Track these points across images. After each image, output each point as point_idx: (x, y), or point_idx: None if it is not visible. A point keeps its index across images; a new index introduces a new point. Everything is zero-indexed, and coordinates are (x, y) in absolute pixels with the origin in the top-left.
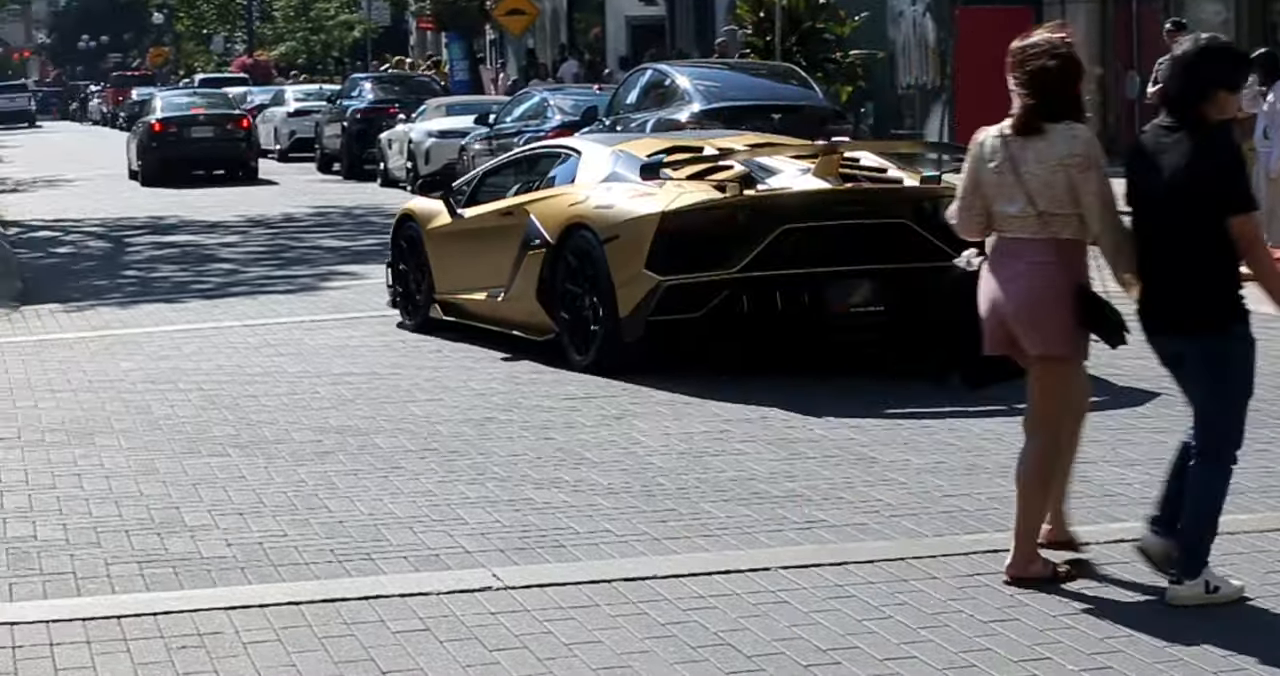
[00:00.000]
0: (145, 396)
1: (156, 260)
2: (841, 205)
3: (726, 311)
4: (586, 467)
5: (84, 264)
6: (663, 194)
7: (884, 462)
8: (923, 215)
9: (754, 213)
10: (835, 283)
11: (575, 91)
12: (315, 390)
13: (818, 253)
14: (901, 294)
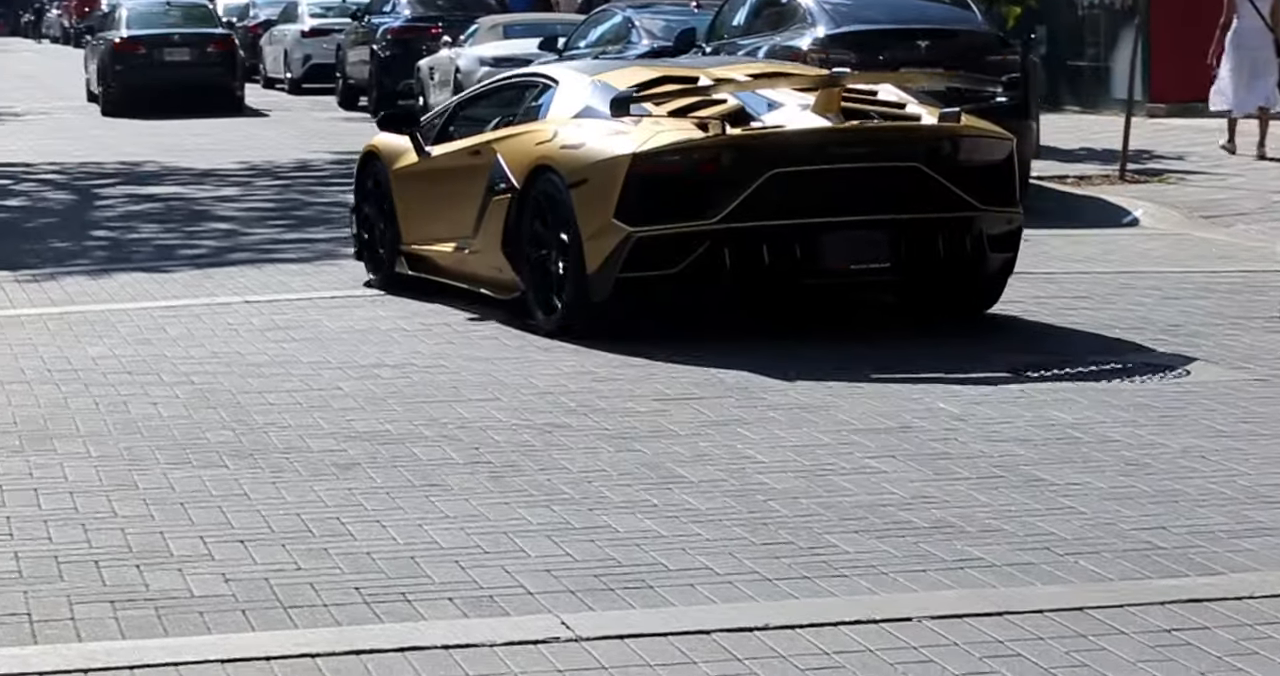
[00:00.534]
0: (120, 390)
1: (133, 217)
2: (842, 146)
3: (707, 267)
4: (679, 488)
5: (40, 221)
6: (637, 133)
7: (1056, 485)
8: (938, 157)
9: (739, 154)
10: (833, 235)
11: (668, 9)
12: (336, 386)
13: (813, 200)
14: (912, 248)
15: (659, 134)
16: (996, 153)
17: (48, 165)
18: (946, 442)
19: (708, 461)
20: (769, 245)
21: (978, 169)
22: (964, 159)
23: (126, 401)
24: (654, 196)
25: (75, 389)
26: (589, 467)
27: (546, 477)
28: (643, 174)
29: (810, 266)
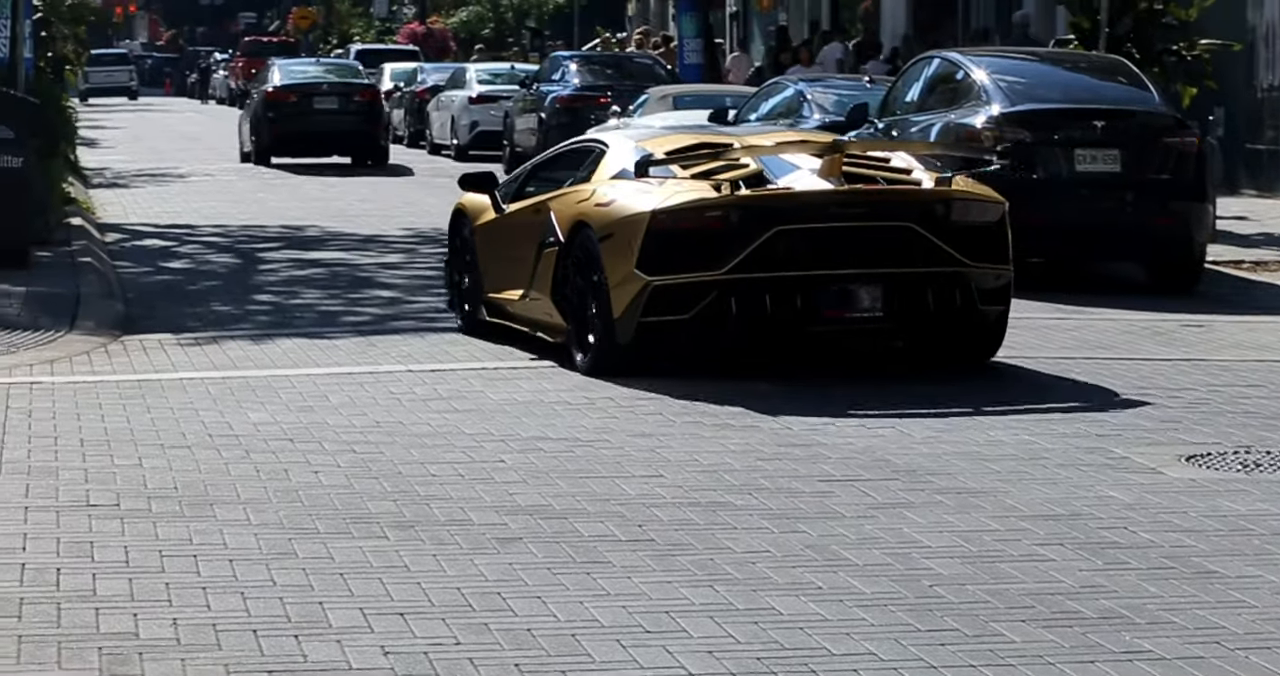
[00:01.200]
0: (281, 457)
1: (297, 282)
2: (841, 207)
3: (715, 314)
4: (845, 571)
5: (203, 283)
6: (659, 192)
7: (1227, 577)
8: (931, 218)
9: (746, 213)
10: (830, 286)
11: (840, 83)
12: (499, 458)
13: (813, 255)
14: (904, 300)
15: (677, 194)
16: (989, 214)
17: (211, 227)
18: (1117, 531)
19: (873, 544)
20: (771, 295)
21: (969, 229)
22: (956, 219)
23: (288, 469)
24: (670, 249)
25: (236, 455)
26: (753, 547)
27: (710, 557)
28: (660, 229)
29: (809, 315)
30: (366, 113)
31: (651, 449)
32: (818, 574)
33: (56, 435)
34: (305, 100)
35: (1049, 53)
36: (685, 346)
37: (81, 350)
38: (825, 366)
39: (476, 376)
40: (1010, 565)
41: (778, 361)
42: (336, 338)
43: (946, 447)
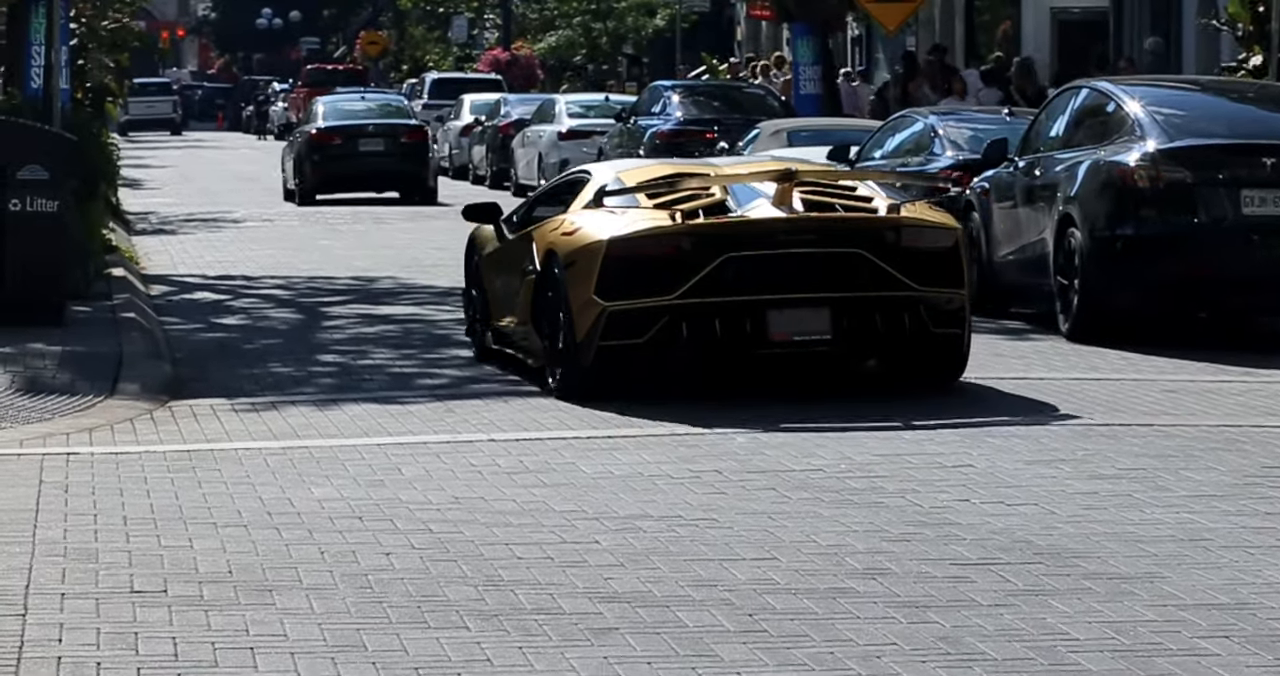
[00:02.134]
0: (348, 538)
1: (366, 340)
2: (790, 233)
3: (668, 337)
4: (981, 666)
5: (261, 342)
6: (619, 221)
7: None
8: (882, 244)
9: (697, 240)
10: (779, 310)
11: (977, 116)
12: (593, 539)
13: (762, 280)
14: (852, 323)
15: (635, 222)
16: (941, 240)
17: (270, 278)
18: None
19: (1013, 636)
20: (720, 319)
21: (920, 254)
22: (906, 245)
23: (355, 550)
24: (626, 276)
25: (298, 535)
26: (878, 640)
27: (830, 650)
28: (616, 256)
29: (758, 337)
30: (413, 154)
31: (764, 528)
32: (950, 669)
33: (96, 512)
34: (350, 142)
35: (1212, 82)
36: (642, 370)
37: (124, 417)
38: (954, 438)
39: (568, 446)
40: (1168, 660)
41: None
42: (410, 403)
43: (1096, 527)
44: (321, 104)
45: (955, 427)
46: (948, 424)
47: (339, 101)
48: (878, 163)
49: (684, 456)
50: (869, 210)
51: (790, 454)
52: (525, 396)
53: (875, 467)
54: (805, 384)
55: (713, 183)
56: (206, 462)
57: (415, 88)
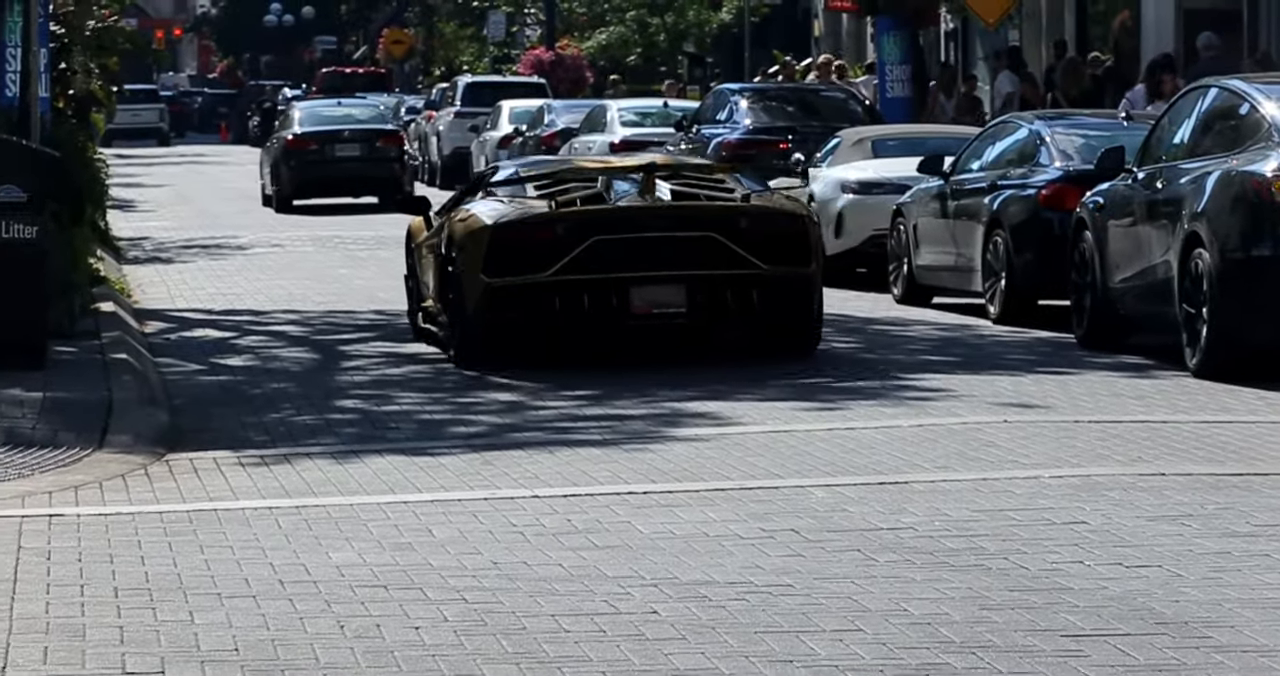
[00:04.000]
0: (371, 609)
1: (390, 383)
2: (650, 219)
3: (543, 311)
4: None
5: (271, 386)
6: (504, 208)
7: None
8: (733, 228)
9: (569, 225)
10: (640, 287)
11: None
12: (651, 608)
13: (626, 260)
14: (705, 298)
15: (517, 210)
16: (789, 225)
17: (281, 313)
18: None
19: None
20: (588, 294)
21: (769, 237)
22: (755, 229)
23: (380, 624)
24: (507, 256)
25: (314, 606)
26: None
27: None
28: (499, 239)
29: (622, 311)
30: (389, 158)
31: (847, 595)
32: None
33: (83, 582)
34: (326, 147)
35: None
36: (524, 341)
37: (115, 473)
38: (1064, 490)
39: (621, 503)
40: None
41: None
42: (442, 454)
43: (1229, 592)
44: (298, 109)
45: (1065, 479)
46: (1057, 475)
47: (316, 107)
48: (976, 175)
49: (754, 513)
50: (725, 198)
51: (876, 509)
52: (573, 446)
53: (974, 525)
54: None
55: (595, 174)
56: (209, 524)
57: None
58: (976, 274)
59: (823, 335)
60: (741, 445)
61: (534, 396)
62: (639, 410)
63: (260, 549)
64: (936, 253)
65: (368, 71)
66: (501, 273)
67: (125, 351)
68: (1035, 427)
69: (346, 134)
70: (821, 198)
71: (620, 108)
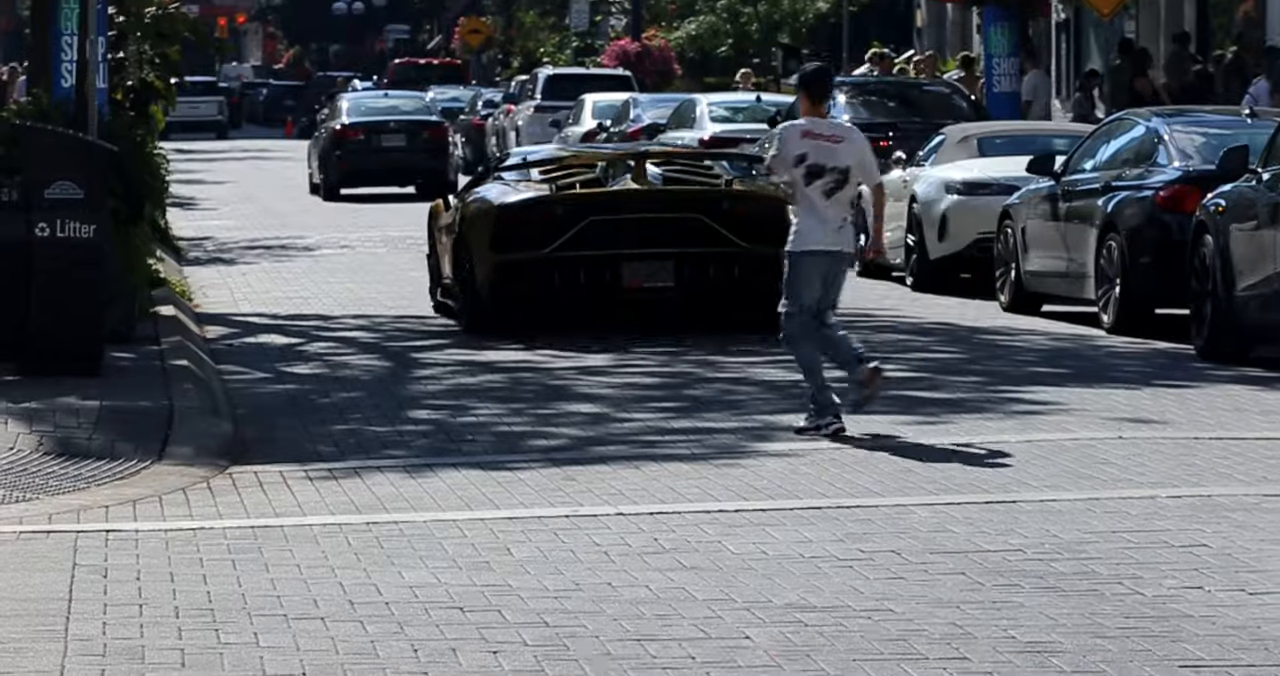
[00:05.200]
0: (447, 633)
1: (467, 393)
2: (642, 202)
3: (544, 285)
4: None
5: (340, 395)
6: (511, 191)
7: None
8: (717, 211)
9: (567, 207)
10: (631, 263)
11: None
12: (743, 633)
13: (619, 239)
14: (691, 273)
15: (522, 193)
16: (767, 208)
17: (350, 318)
18: None
19: None
20: (585, 269)
21: (748, 219)
22: (736, 212)
23: (455, 648)
24: (513, 235)
25: (385, 629)
26: None
27: None
28: (505, 219)
29: (615, 285)
30: (434, 149)
31: (951, 621)
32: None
33: (142, 603)
34: (373, 137)
35: None
36: (527, 311)
37: (175, 486)
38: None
39: (712, 521)
40: None
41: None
42: (521, 468)
43: None
44: (346, 100)
45: (1183, 499)
46: (1175, 495)
47: (363, 98)
48: (1089, 175)
49: (853, 533)
50: (710, 183)
51: (983, 530)
52: (660, 461)
53: (1087, 547)
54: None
55: (596, 161)
56: (275, 542)
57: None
58: (1089, 280)
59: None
60: (838, 460)
61: (618, 408)
62: (729, 423)
63: (329, 568)
64: (1047, 258)
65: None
66: (507, 249)
67: (186, 357)
68: (1152, 444)
69: (393, 125)
70: (924, 199)
71: (710, 102)
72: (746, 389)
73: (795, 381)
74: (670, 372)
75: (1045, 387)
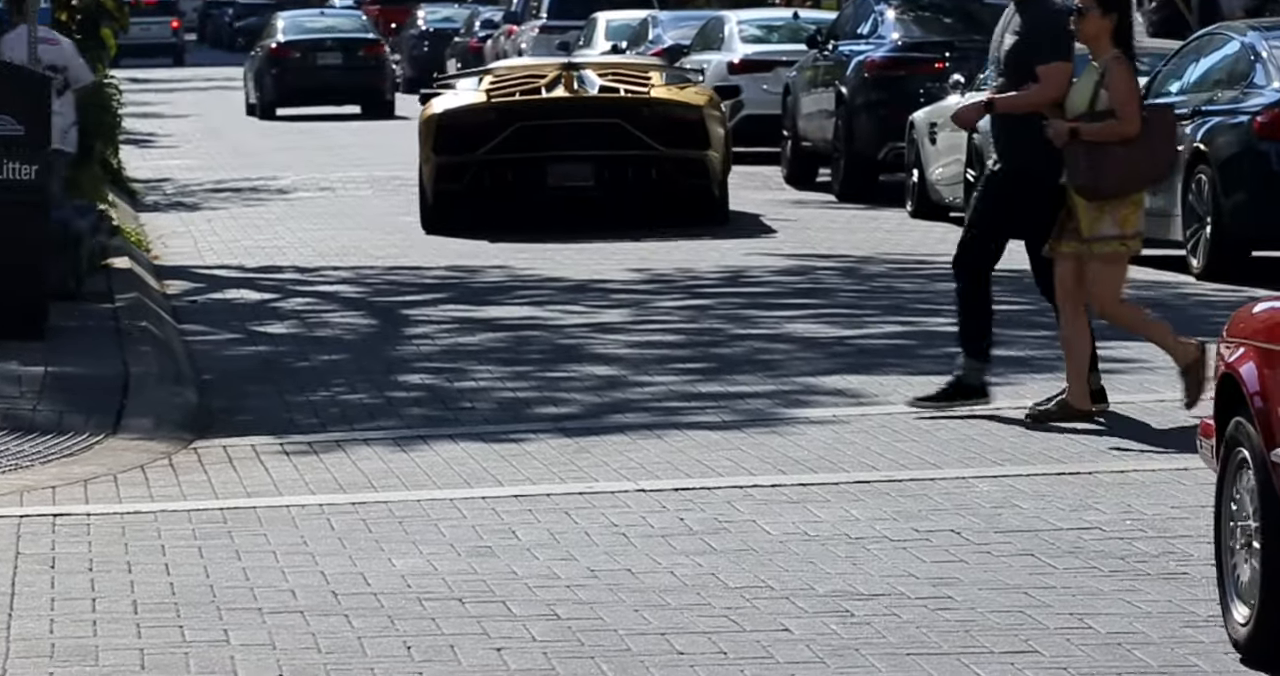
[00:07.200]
0: (443, 626)
1: (464, 355)
2: (566, 108)
3: (477, 185)
4: None
5: (320, 358)
6: (454, 99)
7: None
8: (637, 116)
9: (498, 113)
10: (555, 165)
11: None
12: (781, 625)
13: (545, 143)
14: (611, 174)
15: (460, 101)
16: (686, 114)
17: (332, 270)
18: None
19: None
20: (512, 170)
21: (668, 123)
22: (655, 116)
23: (454, 645)
24: (450, 138)
25: (375, 623)
26: None
27: None
28: (443, 123)
29: (540, 184)
30: (371, 67)
31: (1019, 609)
32: None
33: (95, 596)
34: (308, 56)
35: None
36: (466, 208)
37: (132, 463)
38: None
39: (745, 498)
40: None
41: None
42: (528, 440)
43: None
44: (282, 19)
45: None
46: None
47: (300, 17)
48: (1175, 99)
49: (906, 511)
50: (637, 92)
51: (1054, 506)
52: (685, 430)
53: (1174, 525)
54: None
55: (548, 71)
56: (248, 525)
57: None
58: (1176, 219)
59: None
60: (889, 428)
61: (637, 370)
62: (764, 386)
63: (309, 554)
64: None
65: None
66: (446, 152)
67: (144, 317)
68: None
69: (329, 43)
70: (984, 128)
71: (741, 20)
72: (782, 346)
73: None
74: (695, 329)
75: (1125, 343)
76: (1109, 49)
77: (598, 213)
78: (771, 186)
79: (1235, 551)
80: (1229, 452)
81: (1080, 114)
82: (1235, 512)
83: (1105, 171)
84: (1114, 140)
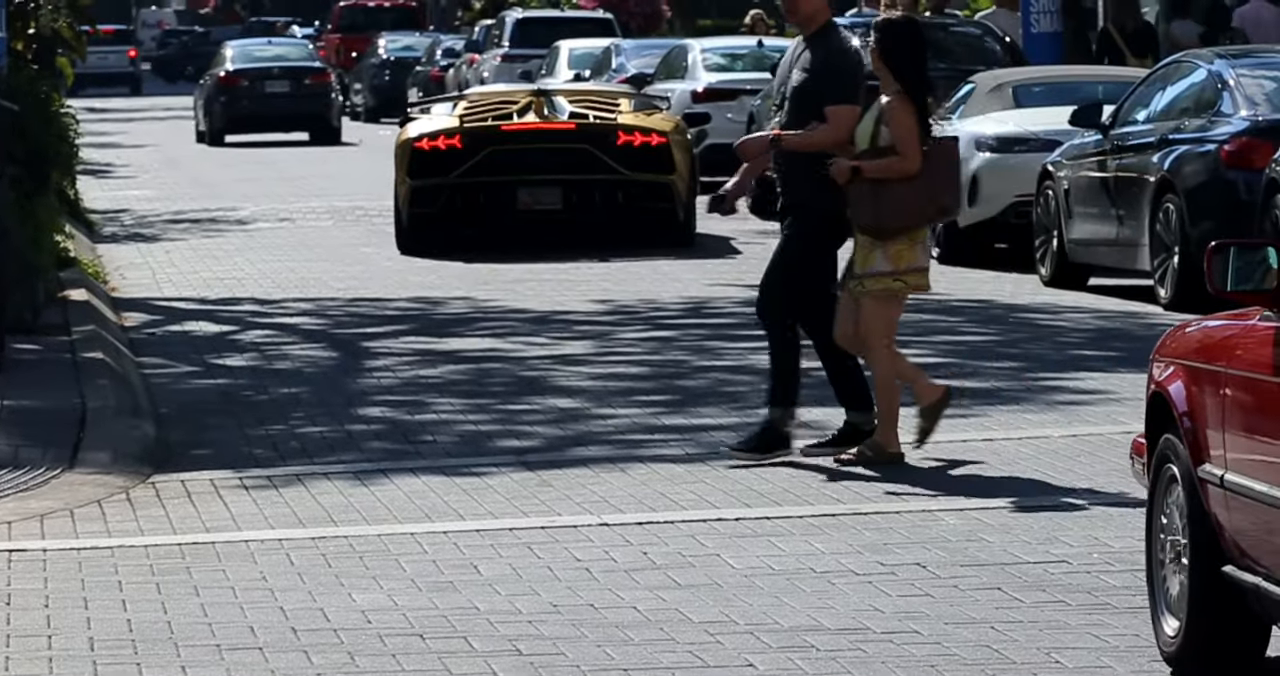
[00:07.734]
0: (404, 663)
1: (427, 387)
2: (535, 135)
3: (450, 208)
4: None
5: (280, 391)
6: (429, 124)
7: None
8: (604, 142)
9: (470, 138)
10: (524, 188)
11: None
12: (745, 660)
13: (515, 167)
14: (578, 198)
15: (434, 126)
16: (651, 140)
17: (293, 302)
18: None
19: None
20: (484, 193)
21: (633, 150)
22: (621, 143)
23: None
24: (424, 162)
25: (335, 660)
26: None
27: None
28: (417, 148)
29: (510, 207)
30: (317, 95)
31: (985, 644)
32: None
33: (51, 633)
34: (256, 84)
35: None
36: (439, 231)
37: (89, 498)
38: None
39: (709, 532)
40: None
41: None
42: (489, 474)
43: None
44: (230, 48)
45: None
46: None
47: (248, 45)
48: (1142, 127)
49: (871, 544)
50: (605, 118)
51: (1021, 539)
52: (648, 462)
53: (1141, 557)
54: None
55: (520, 97)
56: (206, 560)
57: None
58: (1144, 249)
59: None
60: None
61: (600, 402)
62: (727, 418)
63: (269, 591)
64: (1094, 223)
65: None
66: (420, 175)
67: (100, 349)
68: None
69: (276, 71)
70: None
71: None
72: (746, 379)
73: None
74: (659, 361)
75: (1092, 374)
76: (892, 84)
77: (566, 235)
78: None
79: (1165, 565)
80: (1159, 469)
81: (863, 151)
82: (1165, 527)
83: (888, 209)
84: (895, 177)
